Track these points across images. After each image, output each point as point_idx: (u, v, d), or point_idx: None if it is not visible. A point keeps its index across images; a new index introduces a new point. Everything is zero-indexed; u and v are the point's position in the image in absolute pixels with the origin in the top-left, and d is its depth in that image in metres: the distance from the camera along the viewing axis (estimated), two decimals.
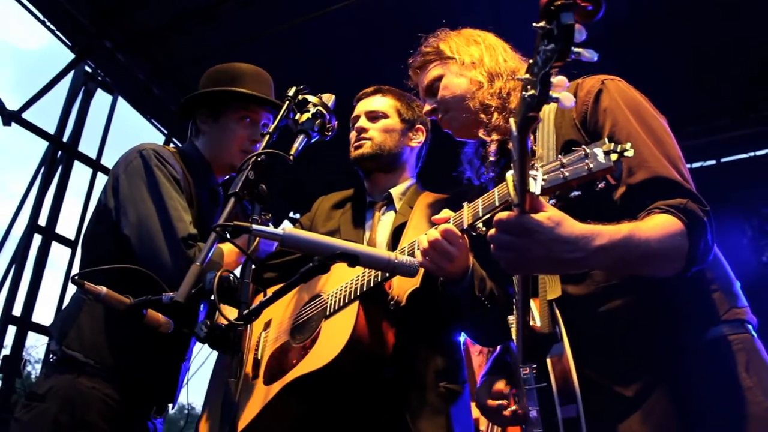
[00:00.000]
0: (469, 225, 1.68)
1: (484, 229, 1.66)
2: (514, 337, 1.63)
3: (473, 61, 1.88)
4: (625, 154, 1.16)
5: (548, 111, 1.62)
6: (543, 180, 1.20)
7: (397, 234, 2.09)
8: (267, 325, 2.16)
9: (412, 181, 2.35)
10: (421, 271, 1.78)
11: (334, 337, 1.80)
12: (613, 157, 1.15)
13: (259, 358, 2.07)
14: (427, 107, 2.01)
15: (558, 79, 0.97)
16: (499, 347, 1.98)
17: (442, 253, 1.70)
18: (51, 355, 2.10)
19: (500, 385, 1.79)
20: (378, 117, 2.32)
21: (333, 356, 1.73)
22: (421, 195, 2.25)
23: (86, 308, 2.06)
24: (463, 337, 2.24)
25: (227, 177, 2.45)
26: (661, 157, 1.45)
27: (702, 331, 1.45)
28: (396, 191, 2.28)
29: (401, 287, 1.87)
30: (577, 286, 1.56)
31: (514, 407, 1.73)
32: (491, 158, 1.80)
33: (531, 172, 1.15)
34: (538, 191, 1.17)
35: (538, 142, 1.60)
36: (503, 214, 1.22)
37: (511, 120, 1.10)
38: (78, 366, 1.98)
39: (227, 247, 2.10)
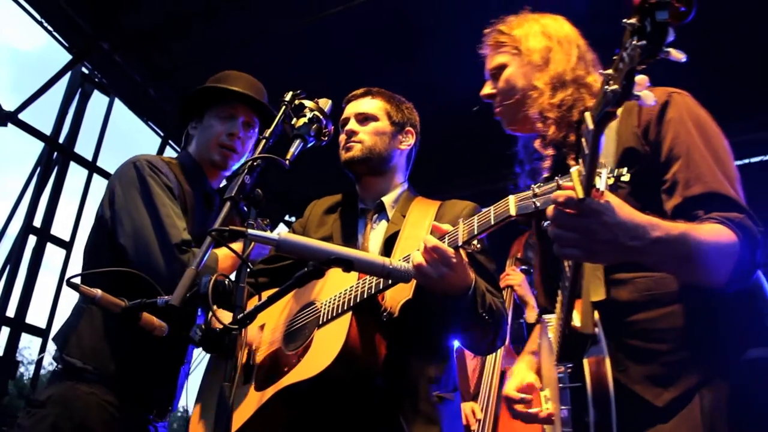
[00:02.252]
0: (464, 242, 1.68)
1: (478, 246, 1.68)
2: (551, 335, 1.61)
3: (540, 64, 1.80)
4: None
5: None
6: (609, 183, 1.19)
7: (390, 243, 2.07)
8: (261, 329, 2.16)
9: (403, 187, 2.32)
10: (414, 280, 1.78)
11: (325, 347, 1.79)
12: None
13: (252, 363, 2.07)
14: (486, 89, 1.95)
15: (640, 78, 0.96)
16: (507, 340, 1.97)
17: (435, 266, 1.69)
18: (55, 364, 2.14)
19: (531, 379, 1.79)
20: (368, 119, 2.29)
21: (324, 366, 1.73)
22: (414, 201, 2.22)
23: (86, 317, 2.10)
24: (456, 344, 2.23)
25: (222, 183, 2.47)
26: (719, 174, 1.44)
27: (741, 350, 1.43)
28: (388, 199, 2.25)
29: (394, 298, 1.85)
30: (620, 291, 1.52)
31: (536, 409, 1.72)
32: (544, 174, 1.77)
33: (597, 170, 1.14)
34: (603, 188, 1.16)
35: None
36: (570, 193, 1.19)
37: (587, 114, 1.09)
38: (77, 372, 2.02)
39: (222, 253, 2.11)
